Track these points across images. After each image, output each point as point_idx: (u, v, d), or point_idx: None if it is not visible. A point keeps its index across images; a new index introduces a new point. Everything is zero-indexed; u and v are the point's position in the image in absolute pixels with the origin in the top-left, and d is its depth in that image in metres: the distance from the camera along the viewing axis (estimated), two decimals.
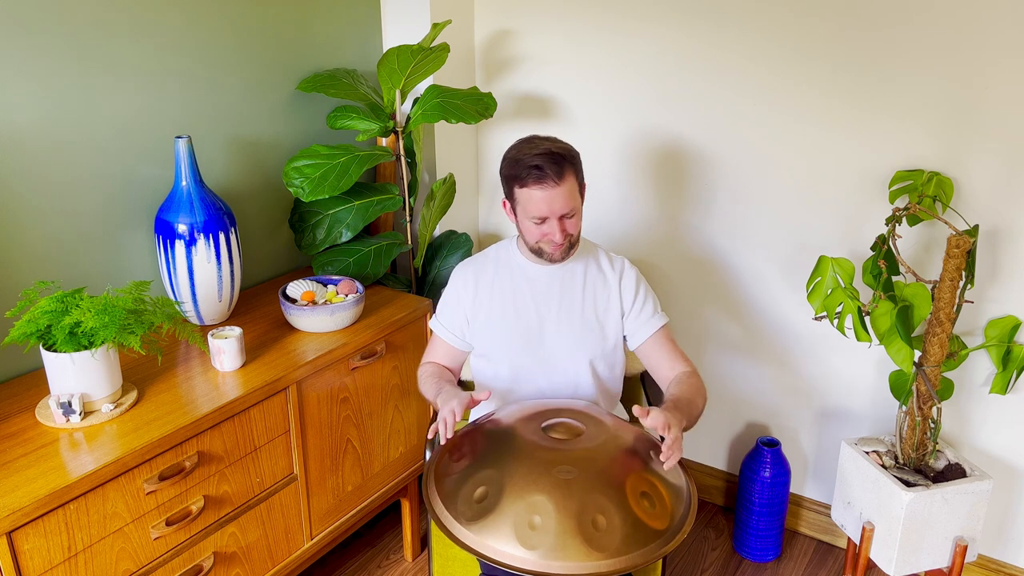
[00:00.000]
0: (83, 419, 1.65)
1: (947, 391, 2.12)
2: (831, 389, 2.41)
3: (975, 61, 1.96)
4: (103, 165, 1.95)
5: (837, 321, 2.06)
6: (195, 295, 2.02)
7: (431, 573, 1.97)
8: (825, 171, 2.23)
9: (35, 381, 1.84)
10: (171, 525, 1.69)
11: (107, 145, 1.95)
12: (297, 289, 2.13)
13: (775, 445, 2.39)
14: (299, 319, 2.05)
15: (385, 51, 2.46)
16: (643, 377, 2.15)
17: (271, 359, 1.93)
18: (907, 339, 2.01)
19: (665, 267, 2.57)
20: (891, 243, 2.00)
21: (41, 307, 1.62)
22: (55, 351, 1.62)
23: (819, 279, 2.08)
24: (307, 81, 2.33)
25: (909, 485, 2.04)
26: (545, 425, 1.64)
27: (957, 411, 2.23)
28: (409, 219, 2.47)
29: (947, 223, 1.93)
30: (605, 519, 1.44)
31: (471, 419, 1.99)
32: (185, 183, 1.97)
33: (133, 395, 1.75)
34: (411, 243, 2.49)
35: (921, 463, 2.14)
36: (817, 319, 2.10)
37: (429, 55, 2.27)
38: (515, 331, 1.85)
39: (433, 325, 1.96)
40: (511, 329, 1.85)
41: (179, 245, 1.96)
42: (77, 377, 1.64)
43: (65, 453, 1.57)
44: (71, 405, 1.64)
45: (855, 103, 2.13)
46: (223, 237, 2.01)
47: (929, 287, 2.00)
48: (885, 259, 1.99)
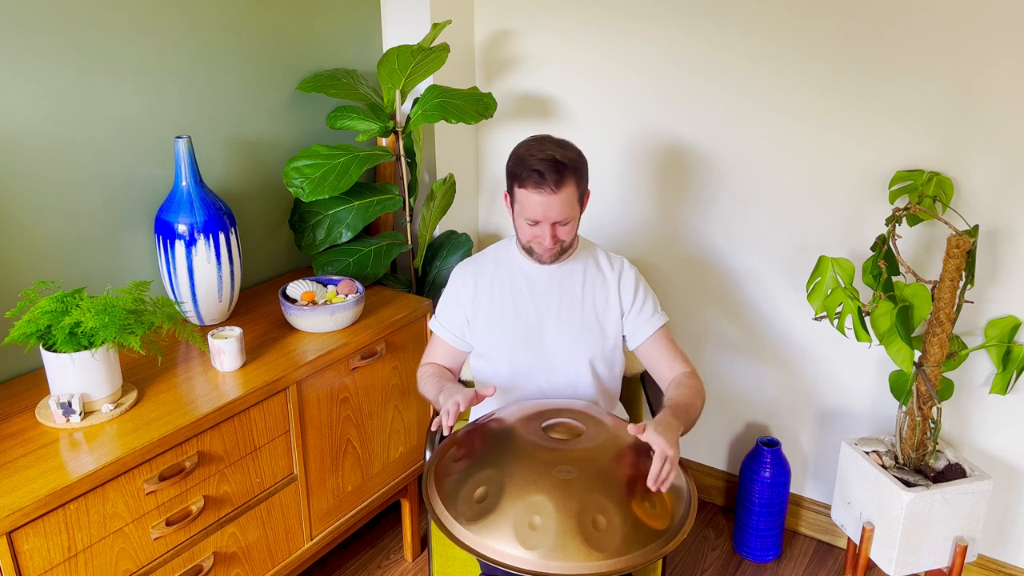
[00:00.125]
0: (83, 419, 1.65)
1: (947, 391, 2.12)
2: (831, 389, 2.41)
3: (975, 61, 1.96)
4: (103, 165, 1.95)
5: (837, 321, 2.06)
6: (195, 295, 2.02)
7: (431, 573, 1.97)
8: (825, 171, 2.23)
9: (35, 381, 1.84)
10: (171, 525, 1.69)
11: (107, 145, 1.95)
12: (297, 289, 2.13)
13: (775, 445, 2.39)
14: (299, 319, 2.05)
15: (385, 51, 2.46)
16: (643, 377, 2.15)
17: (271, 359, 1.93)
18: (907, 339, 2.01)
19: (665, 267, 2.57)
20: (891, 243, 2.00)
21: (41, 307, 1.62)
22: (55, 351, 1.62)
23: (819, 279, 2.08)
24: (307, 81, 2.33)
25: (909, 485, 2.04)
26: (545, 425, 1.64)
27: (957, 411, 2.23)
28: (409, 219, 2.47)
29: (947, 223, 1.93)
30: (605, 519, 1.44)
31: (471, 419, 1.99)
32: (185, 183, 1.97)
33: (133, 395, 1.75)
34: (411, 243, 2.49)
35: (921, 463, 2.13)
36: (817, 319, 2.10)
37: (429, 55, 2.27)
38: (515, 331, 1.85)
39: (433, 326, 1.96)
40: (511, 329, 1.85)
41: (179, 245, 1.96)
42: (77, 377, 1.64)
43: (65, 453, 1.57)
44: (71, 405, 1.63)
45: (855, 103, 2.13)
46: (223, 237, 2.01)
47: (929, 287, 2.00)
48: (885, 259, 1.99)
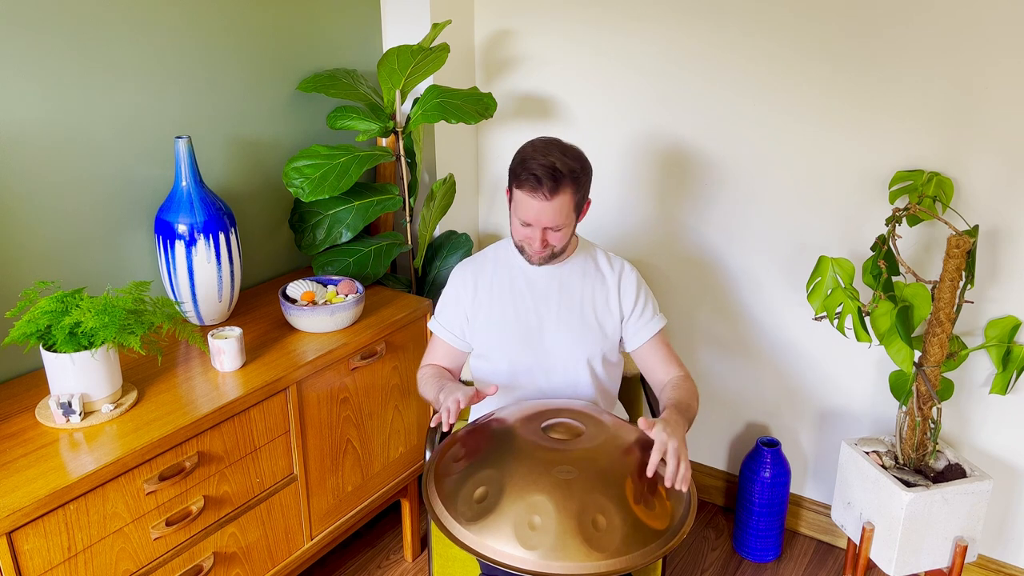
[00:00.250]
0: (83, 419, 1.65)
1: (947, 391, 2.11)
2: (831, 389, 2.41)
3: (975, 61, 1.96)
4: (103, 165, 1.95)
5: (837, 321, 2.06)
6: (195, 295, 2.02)
7: (431, 573, 1.97)
8: (825, 171, 2.23)
9: (35, 381, 1.84)
10: (171, 525, 1.69)
11: (107, 145, 1.95)
12: (297, 289, 2.13)
13: (775, 445, 2.39)
14: (299, 319, 2.05)
15: (385, 51, 2.46)
16: (643, 377, 2.15)
17: (271, 359, 1.93)
18: (907, 339, 2.01)
19: (664, 267, 2.57)
20: (891, 243, 2.00)
21: (41, 307, 1.62)
22: (55, 351, 1.62)
23: (819, 279, 2.08)
24: (307, 81, 2.33)
25: (909, 485, 2.04)
26: (545, 425, 1.64)
27: (957, 411, 2.23)
28: (409, 219, 2.47)
29: (947, 223, 1.93)
30: (605, 519, 1.44)
31: (471, 419, 1.98)
32: (185, 183, 1.97)
33: (133, 395, 1.75)
34: (411, 243, 2.48)
35: (921, 463, 2.13)
36: (817, 319, 2.10)
37: (429, 55, 2.27)
38: (514, 331, 1.85)
39: (432, 326, 1.96)
40: (510, 329, 1.85)
41: (179, 245, 1.96)
42: (77, 377, 1.64)
43: (65, 453, 1.57)
44: (71, 405, 1.63)
45: (855, 103, 2.13)
46: (223, 237, 2.01)
47: (929, 287, 2.00)
48: (885, 259, 1.99)
